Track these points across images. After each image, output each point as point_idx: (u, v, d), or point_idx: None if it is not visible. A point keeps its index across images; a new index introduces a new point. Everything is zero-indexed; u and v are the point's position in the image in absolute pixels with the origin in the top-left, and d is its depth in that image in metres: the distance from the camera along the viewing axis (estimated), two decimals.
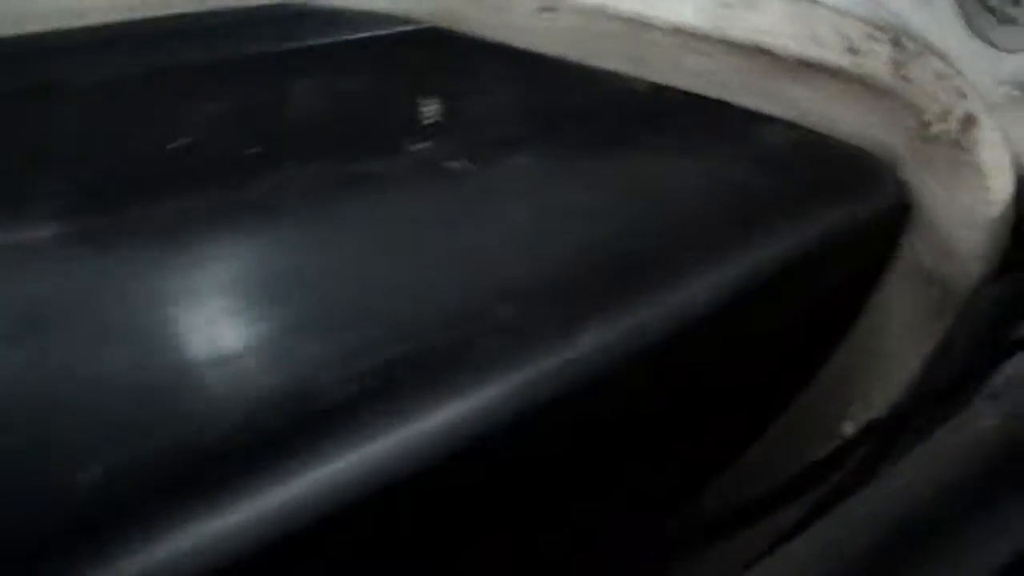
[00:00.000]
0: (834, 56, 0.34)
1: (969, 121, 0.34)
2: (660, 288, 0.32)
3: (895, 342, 0.39)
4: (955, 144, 0.34)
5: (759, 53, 0.34)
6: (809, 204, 0.35)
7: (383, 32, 0.34)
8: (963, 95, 0.34)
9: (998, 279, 0.37)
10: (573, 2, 0.35)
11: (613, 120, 0.36)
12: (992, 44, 0.37)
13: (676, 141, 0.36)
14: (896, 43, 0.35)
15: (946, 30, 0.37)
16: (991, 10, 0.37)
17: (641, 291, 0.32)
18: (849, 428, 0.41)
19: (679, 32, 0.35)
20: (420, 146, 0.33)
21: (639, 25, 0.35)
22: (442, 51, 0.35)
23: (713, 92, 0.36)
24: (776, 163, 0.36)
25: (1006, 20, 0.37)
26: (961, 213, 0.35)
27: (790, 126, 0.36)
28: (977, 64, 0.37)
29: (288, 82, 0.33)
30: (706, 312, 0.32)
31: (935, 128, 0.34)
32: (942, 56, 0.36)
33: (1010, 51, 0.37)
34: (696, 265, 0.33)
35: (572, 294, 0.31)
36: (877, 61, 0.34)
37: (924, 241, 0.36)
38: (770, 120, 0.36)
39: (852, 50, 0.34)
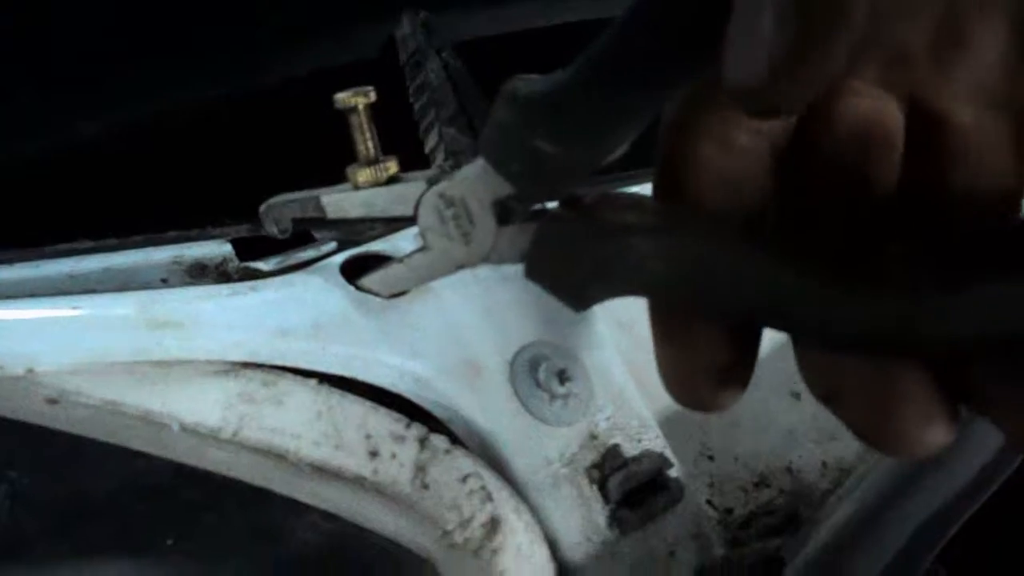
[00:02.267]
0: (354, 463, 0.33)
1: (493, 525, 0.33)
2: None
3: None
4: (477, 552, 0.33)
5: (276, 456, 0.33)
6: None
7: None
8: (488, 498, 0.33)
9: None
10: (79, 397, 0.32)
11: (129, 509, 0.33)
12: (543, 420, 0.37)
13: (196, 541, 0.33)
14: (423, 442, 0.34)
15: (496, 407, 0.36)
16: (541, 386, 0.37)
17: None
18: None
19: (193, 432, 0.33)
20: None
21: (151, 423, 0.33)
22: None
23: (248, 479, 0.34)
24: (305, 562, 0.34)
25: (556, 396, 0.37)
26: None
27: (328, 517, 0.34)
28: (527, 441, 0.36)
29: None
30: None
31: (457, 536, 0.33)
32: (486, 439, 0.36)
33: (560, 425, 0.37)
34: None
35: None
36: (398, 467, 0.33)
37: None
38: (307, 511, 0.34)
39: (374, 454, 0.33)
